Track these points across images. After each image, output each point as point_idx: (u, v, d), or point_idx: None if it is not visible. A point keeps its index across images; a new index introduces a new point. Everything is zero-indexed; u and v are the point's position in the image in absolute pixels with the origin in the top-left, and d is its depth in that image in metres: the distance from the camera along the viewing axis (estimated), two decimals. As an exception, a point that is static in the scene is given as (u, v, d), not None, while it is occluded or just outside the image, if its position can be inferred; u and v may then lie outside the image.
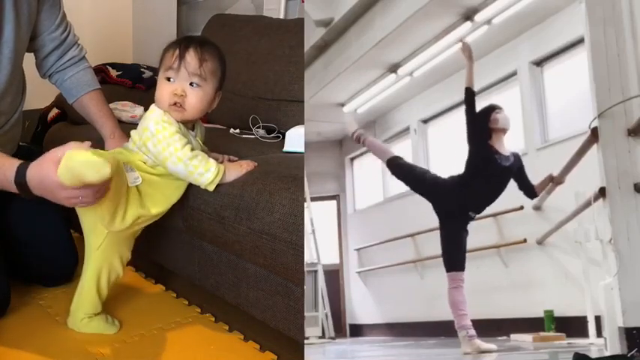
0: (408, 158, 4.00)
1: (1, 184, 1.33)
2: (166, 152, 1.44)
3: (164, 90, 1.48)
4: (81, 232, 1.55)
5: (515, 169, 2.21)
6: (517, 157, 2.23)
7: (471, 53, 2.25)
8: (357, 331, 4.49)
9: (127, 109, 2.45)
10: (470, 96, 2.21)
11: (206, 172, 1.48)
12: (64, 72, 1.83)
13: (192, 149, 1.48)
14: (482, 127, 2.20)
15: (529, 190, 2.27)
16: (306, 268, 1.42)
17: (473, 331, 2.10)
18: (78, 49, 1.86)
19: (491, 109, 2.23)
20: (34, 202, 1.73)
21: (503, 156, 2.20)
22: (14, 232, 1.73)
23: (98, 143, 1.82)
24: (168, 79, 1.48)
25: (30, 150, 1.96)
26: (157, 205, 1.54)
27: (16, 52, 1.59)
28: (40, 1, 1.68)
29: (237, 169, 1.57)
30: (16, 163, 1.32)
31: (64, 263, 1.81)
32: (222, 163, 1.62)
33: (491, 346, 2.13)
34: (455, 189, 2.22)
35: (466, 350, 2.09)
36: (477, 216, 2.25)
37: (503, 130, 2.21)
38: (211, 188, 1.51)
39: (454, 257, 2.19)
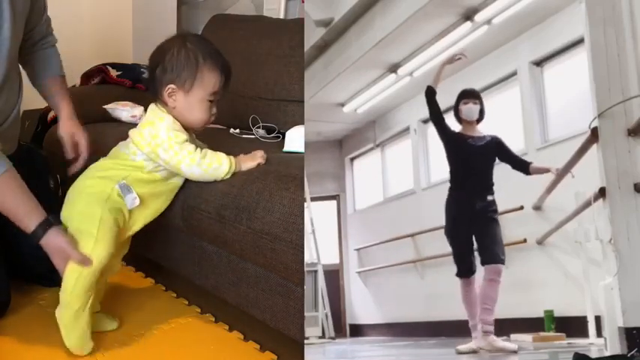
0: (408, 158, 4.03)
1: (19, 219, 1.48)
2: (179, 156, 1.48)
3: (207, 112, 1.54)
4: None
5: (493, 148, 2.22)
6: (494, 137, 2.24)
7: (447, 63, 2.27)
8: (357, 331, 4.48)
9: (127, 109, 2.45)
10: (428, 94, 2.23)
11: (220, 165, 1.53)
12: (35, 54, 1.85)
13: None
14: (455, 114, 2.25)
15: (521, 166, 2.25)
16: (306, 268, 1.42)
17: (488, 327, 2.08)
18: (52, 37, 1.91)
19: (460, 98, 2.24)
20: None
21: (475, 138, 2.22)
22: (14, 232, 1.72)
23: (97, 144, 1.83)
24: (211, 101, 1.54)
25: (30, 149, 1.96)
26: (140, 222, 1.57)
27: (13, 50, 1.59)
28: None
29: (252, 160, 1.61)
30: (35, 223, 1.45)
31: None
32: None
33: (511, 345, 2.11)
34: (452, 185, 2.23)
35: (480, 345, 2.08)
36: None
37: (472, 120, 2.22)
38: (228, 177, 1.55)
39: (494, 248, 2.14)
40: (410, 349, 2.79)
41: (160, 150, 1.48)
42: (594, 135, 1.58)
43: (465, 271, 2.19)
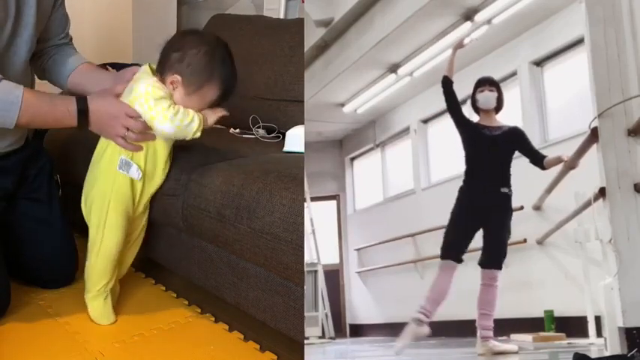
0: (408, 158, 4.03)
1: (59, 116, 1.46)
2: (153, 112, 1.47)
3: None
4: (82, 234, 1.56)
5: (511, 139, 2.17)
6: (514, 128, 2.20)
7: (458, 47, 2.24)
8: (357, 331, 4.49)
9: (126, 109, 2.45)
10: (445, 83, 2.20)
11: (191, 122, 1.51)
12: (61, 47, 1.84)
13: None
14: (473, 104, 2.21)
15: (538, 160, 2.17)
16: (306, 268, 1.42)
17: (487, 333, 2.07)
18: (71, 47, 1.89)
19: (476, 86, 2.21)
20: (37, 204, 1.74)
21: (491, 128, 2.17)
22: (16, 232, 1.72)
23: (96, 142, 1.82)
24: None
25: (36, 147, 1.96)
26: (148, 192, 1.62)
27: (33, 40, 1.61)
28: (55, 4, 1.71)
29: (214, 114, 1.59)
30: (72, 97, 1.48)
31: (64, 266, 1.81)
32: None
33: (511, 347, 2.11)
34: (467, 174, 2.19)
35: (479, 351, 2.08)
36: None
37: (489, 110, 2.18)
38: (198, 135, 1.54)
39: (494, 252, 2.10)
40: (410, 349, 2.79)
41: (136, 104, 1.48)
42: (594, 135, 1.58)
43: (453, 256, 2.12)
